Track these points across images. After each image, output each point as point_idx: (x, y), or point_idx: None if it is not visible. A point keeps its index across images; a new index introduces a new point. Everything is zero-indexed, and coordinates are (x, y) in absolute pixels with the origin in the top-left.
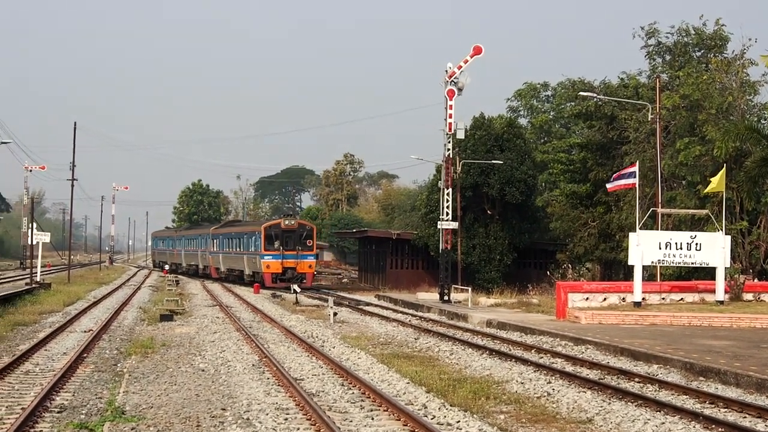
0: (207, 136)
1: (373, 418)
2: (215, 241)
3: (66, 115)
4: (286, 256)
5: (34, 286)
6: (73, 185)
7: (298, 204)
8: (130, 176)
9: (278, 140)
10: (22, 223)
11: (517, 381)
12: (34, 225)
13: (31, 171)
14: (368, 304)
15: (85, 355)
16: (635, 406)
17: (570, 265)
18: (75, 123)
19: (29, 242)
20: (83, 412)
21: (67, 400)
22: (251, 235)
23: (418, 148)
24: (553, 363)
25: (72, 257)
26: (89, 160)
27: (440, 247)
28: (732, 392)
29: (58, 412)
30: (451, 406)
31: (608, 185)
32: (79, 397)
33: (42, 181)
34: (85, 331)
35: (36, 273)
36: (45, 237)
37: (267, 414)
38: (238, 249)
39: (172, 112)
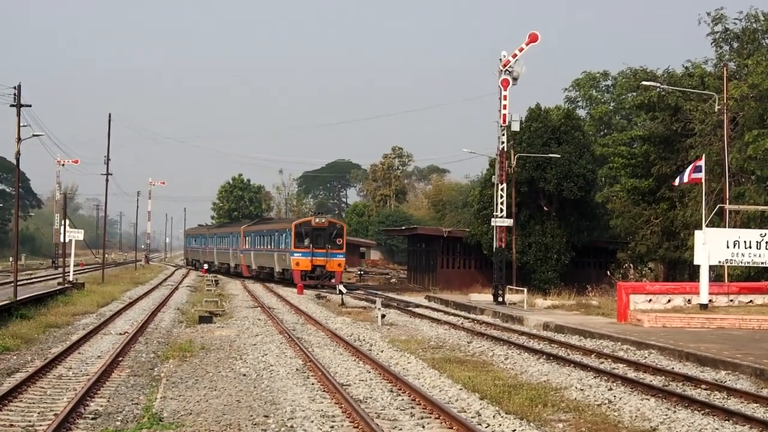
0: (249, 129)
1: (423, 427)
2: (247, 238)
3: (100, 106)
4: (315, 254)
5: (66, 286)
6: (107, 180)
7: (344, 200)
8: (167, 171)
9: (323, 133)
10: (54, 220)
11: (576, 387)
12: (67, 222)
13: (63, 165)
14: (418, 306)
15: (120, 358)
16: (702, 414)
17: (631, 265)
18: (110, 114)
19: (61, 240)
20: (119, 418)
21: (101, 406)
22: (282, 232)
23: (470, 141)
24: (614, 368)
25: (106, 256)
26: (125, 153)
27: (494, 246)
28: None
29: (93, 419)
30: (506, 413)
31: (675, 181)
32: (114, 402)
33: (75, 176)
34: (120, 334)
35: (68, 272)
36: (78, 234)
37: (312, 421)
38: (268, 246)
39: (212, 103)
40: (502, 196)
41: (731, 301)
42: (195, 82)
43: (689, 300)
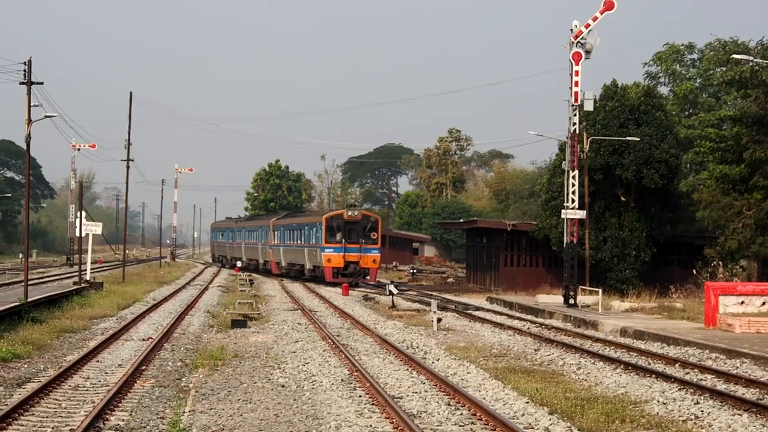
0: (287, 110)
1: None
2: (276, 233)
3: (121, 84)
4: (348, 250)
5: (83, 286)
6: (128, 166)
7: (394, 189)
8: (195, 156)
9: (371, 114)
10: (68, 212)
11: (658, 401)
12: (83, 214)
13: (79, 150)
14: (478, 309)
15: (143, 367)
16: None
17: (721, 263)
18: (131, 93)
19: (77, 234)
20: None
21: (123, 420)
22: (312, 226)
23: (537, 123)
24: (701, 380)
25: (127, 252)
26: (148, 137)
27: (564, 241)
28: None
29: None
30: (578, 430)
31: None
32: (137, 417)
33: (92, 162)
34: (143, 340)
35: (85, 270)
36: (96, 228)
37: None
38: (298, 242)
39: (245, 81)
40: (573, 185)
41: None
42: (226, 58)
43: None
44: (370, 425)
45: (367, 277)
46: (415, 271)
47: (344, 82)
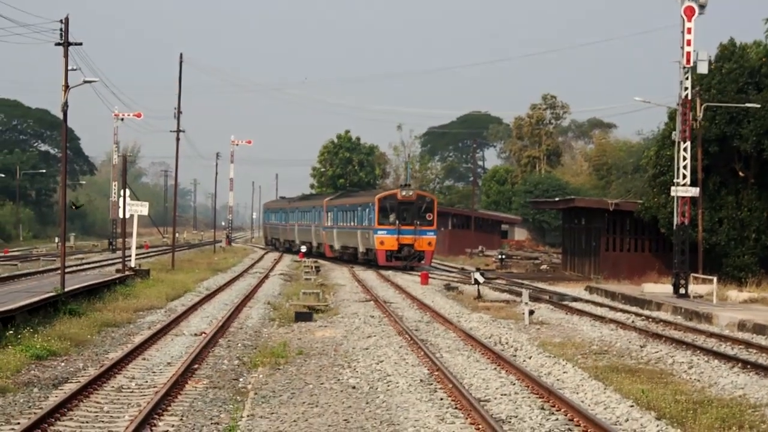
0: (358, 74)
1: None
2: (329, 214)
3: (170, 46)
4: (402, 232)
5: (127, 274)
6: (178, 138)
7: (480, 163)
8: (254, 127)
9: (454, 78)
10: (110, 190)
11: None
12: (127, 192)
13: (122, 119)
14: (576, 300)
15: (196, 366)
16: None
17: None
18: (181, 55)
19: (120, 215)
20: None
21: (172, 426)
22: (365, 207)
23: (643, 88)
24: None
25: (177, 235)
26: (201, 105)
27: (674, 222)
28: None
29: None
30: None
31: None
32: (188, 422)
33: (137, 134)
34: (195, 335)
35: (129, 256)
36: (142, 208)
37: None
38: (351, 223)
39: (311, 42)
40: (684, 159)
41: None
42: (289, 16)
43: None
44: None
45: (422, 261)
46: (503, 256)
47: (423, 43)
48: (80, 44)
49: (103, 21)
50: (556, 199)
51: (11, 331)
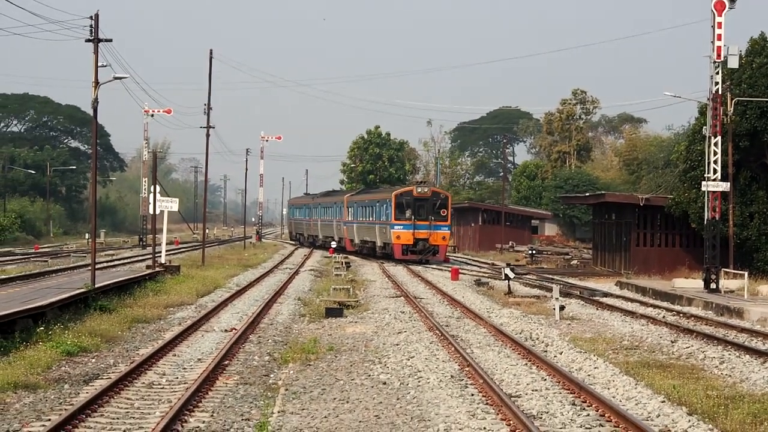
0: (388, 69)
1: None
2: (350, 209)
3: (200, 43)
4: (417, 227)
5: (157, 270)
6: (208, 134)
7: (510, 159)
8: (284, 123)
9: (484, 73)
10: (140, 186)
11: None
12: (157, 188)
13: (152, 116)
14: (606, 295)
15: (226, 362)
16: None
17: None
18: (210, 51)
19: (150, 211)
20: None
21: (203, 422)
22: (382, 203)
23: (673, 83)
24: None
25: (207, 231)
26: (230, 101)
27: (705, 217)
28: None
29: None
30: None
31: None
32: (219, 418)
33: (167, 130)
34: (225, 331)
35: (160, 253)
36: (172, 204)
37: None
38: (370, 218)
39: (340, 37)
40: (715, 153)
41: None
42: (319, 12)
43: None
44: (484, 428)
45: (437, 255)
46: (534, 252)
47: (455, 38)
48: (110, 41)
49: (132, 17)
50: (587, 194)
51: (42, 328)
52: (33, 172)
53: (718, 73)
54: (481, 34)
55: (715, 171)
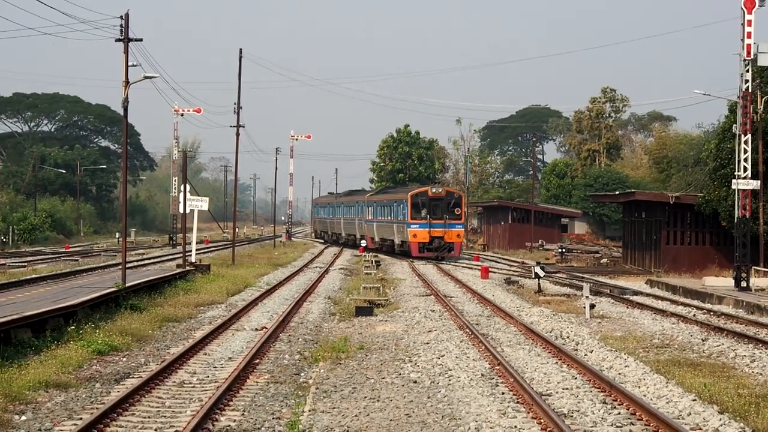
0: (418, 66)
1: None
2: (370, 208)
3: (230, 42)
4: (433, 225)
5: (187, 269)
6: (238, 133)
7: (540, 157)
8: (314, 121)
9: (513, 72)
10: (170, 185)
11: None
12: (187, 187)
13: (182, 115)
14: (636, 293)
15: (257, 360)
16: None
17: None
18: (240, 50)
19: (180, 210)
20: None
21: (234, 420)
22: (399, 203)
23: (703, 81)
24: None
25: (237, 230)
26: (259, 99)
27: (735, 215)
28: None
29: None
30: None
31: None
32: (250, 417)
33: (197, 129)
34: (256, 329)
35: (190, 252)
36: (202, 203)
37: None
38: (388, 217)
39: (370, 34)
40: (745, 151)
41: None
42: (349, 13)
43: None
44: (515, 426)
45: (452, 252)
46: (563, 250)
47: (485, 36)
48: (140, 40)
49: (162, 17)
50: (617, 192)
51: (73, 327)
52: (63, 171)
53: (748, 71)
54: (509, 33)
55: (745, 169)
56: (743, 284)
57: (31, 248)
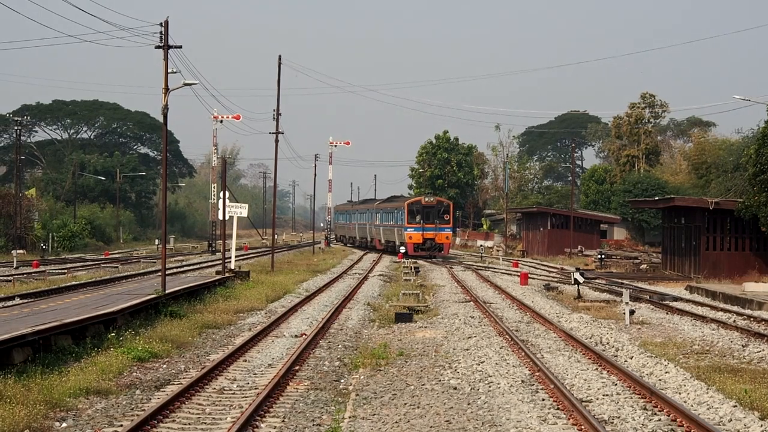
0: (456, 73)
1: None
2: (378, 215)
3: (269, 49)
4: (426, 229)
5: (227, 275)
6: (277, 140)
7: (579, 163)
8: (353, 128)
9: (552, 78)
10: (210, 192)
11: None
12: (227, 194)
13: (221, 122)
14: (676, 299)
15: (297, 367)
16: None
17: None
18: (279, 57)
19: (220, 217)
20: None
21: (274, 427)
22: (398, 210)
23: (742, 86)
24: None
25: (276, 237)
26: (298, 106)
27: None
28: None
29: None
30: None
31: None
32: (290, 423)
33: (236, 136)
34: (296, 336)
35: (229, 258)
36: (241, 210)
37: None
38: (391, 222)
39: (409, 42)
40: None
41: None
42: (387, 16)
43: None
44: None
45: (442, 251)
46: (603, 256)
47: (524, 42)
48: (180, 47)
49: (201, 24)
50: (656, 198)
51: (113, 334)
52: (103, 178)
53: None
54: (547, 38)
55: None
56: None
57: (71, 255)
